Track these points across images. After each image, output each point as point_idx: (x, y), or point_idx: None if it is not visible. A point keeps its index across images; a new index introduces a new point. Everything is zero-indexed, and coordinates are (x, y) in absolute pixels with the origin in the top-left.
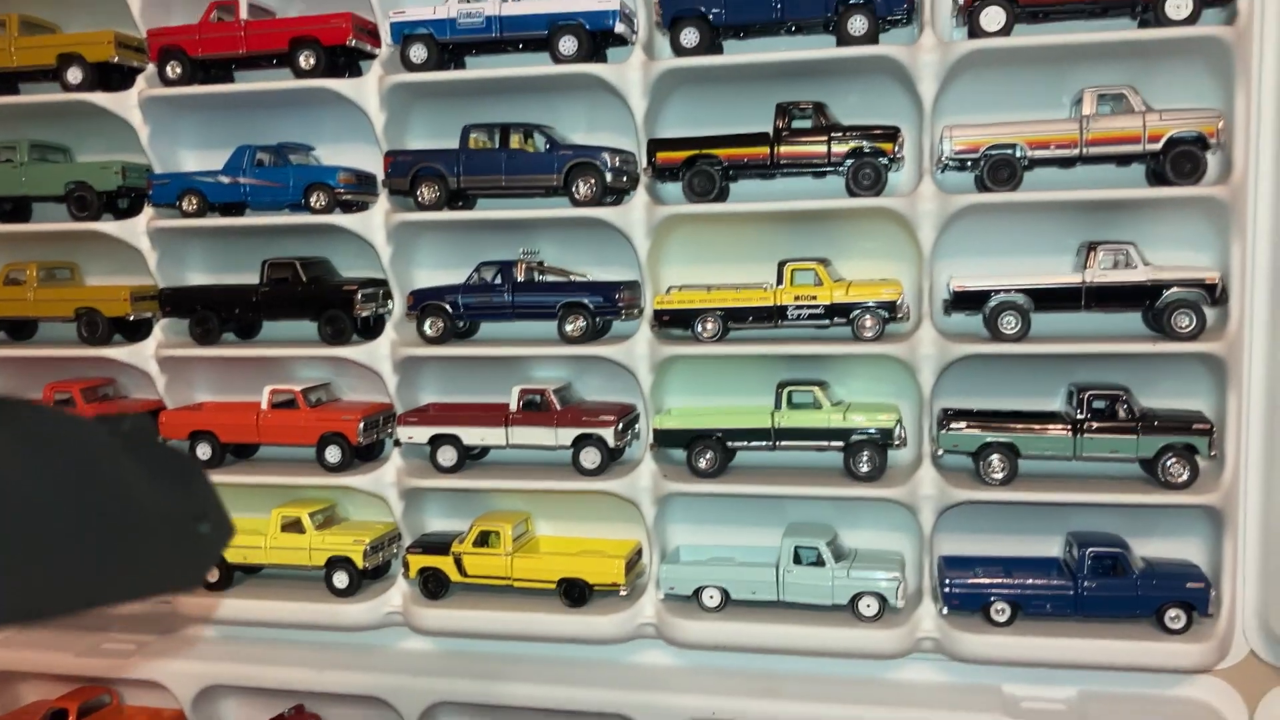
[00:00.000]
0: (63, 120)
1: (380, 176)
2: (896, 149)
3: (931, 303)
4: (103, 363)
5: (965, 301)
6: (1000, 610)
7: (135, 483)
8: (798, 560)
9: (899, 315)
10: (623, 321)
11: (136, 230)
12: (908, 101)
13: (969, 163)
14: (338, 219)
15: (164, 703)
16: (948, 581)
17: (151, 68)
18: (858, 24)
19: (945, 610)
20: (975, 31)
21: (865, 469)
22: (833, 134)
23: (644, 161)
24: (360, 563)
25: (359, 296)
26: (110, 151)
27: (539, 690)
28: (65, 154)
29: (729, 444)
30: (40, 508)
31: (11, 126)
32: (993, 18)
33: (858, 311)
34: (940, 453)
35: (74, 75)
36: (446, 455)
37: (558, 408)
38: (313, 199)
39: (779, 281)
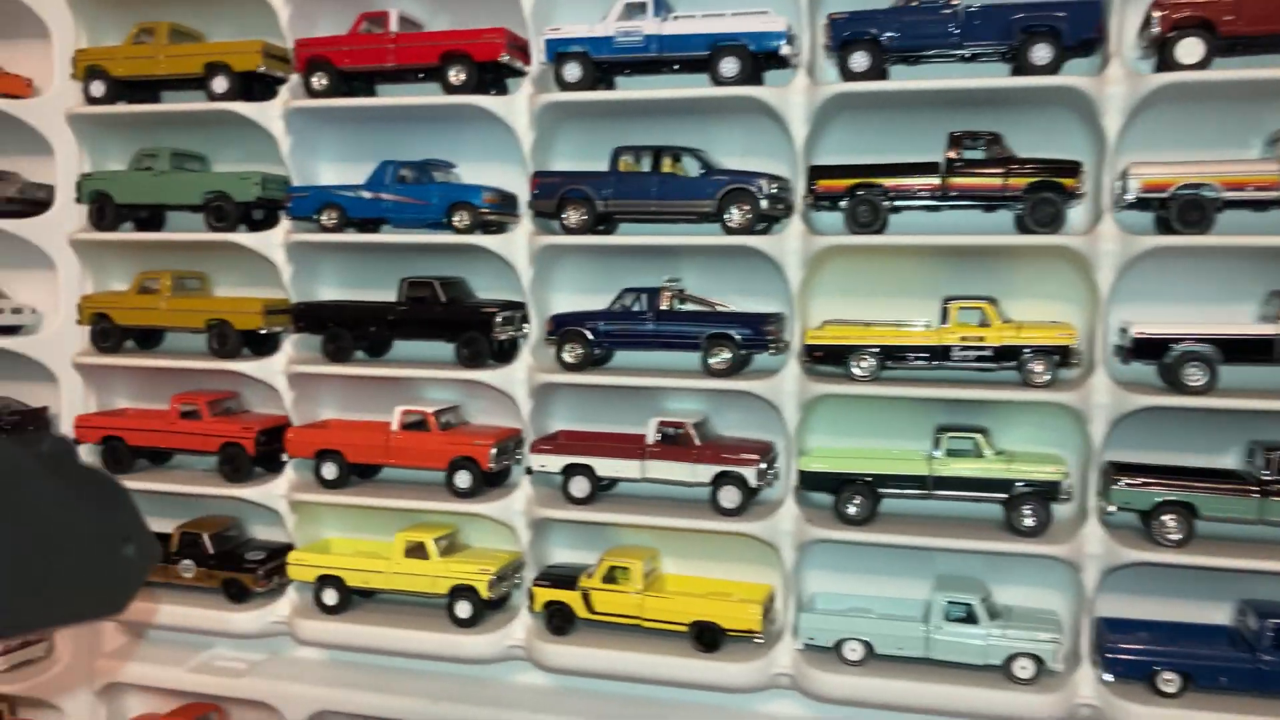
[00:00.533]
0: (203, 129)
1: (523, 197)
2: (1078, 185)
3: (1105, 349)
4: (229, 376)
5: (1146, 350)
6: (1168, 680)
7: (56, 505)
8: (948, 616)
9: (1072, 361)
10: (770, 356)
11: (272, 243)
12: (1087, 135)
13: (1156, 202)
14: (481, 240)
15: None
16: (1110, 646)
17: (296, 78)
18: (1041, 53)
19: (1108, 677)
20: (1167, 63)
21: (1029, 523)
22: (1010, 166)
23: (803, 189)
24: (485, 593)
25: (498, 319)
26: (246, 162)
27: None
28: (203, 163)
29: (879, 490)
30: None
31: (153, 134)
32: (1190, 49)
33: (1028, 354)
34: (1112, 510)
35: (219, 84)
36: (579, 486)
37: (697, 442)
38: (456, 218)
39: (943, 320)
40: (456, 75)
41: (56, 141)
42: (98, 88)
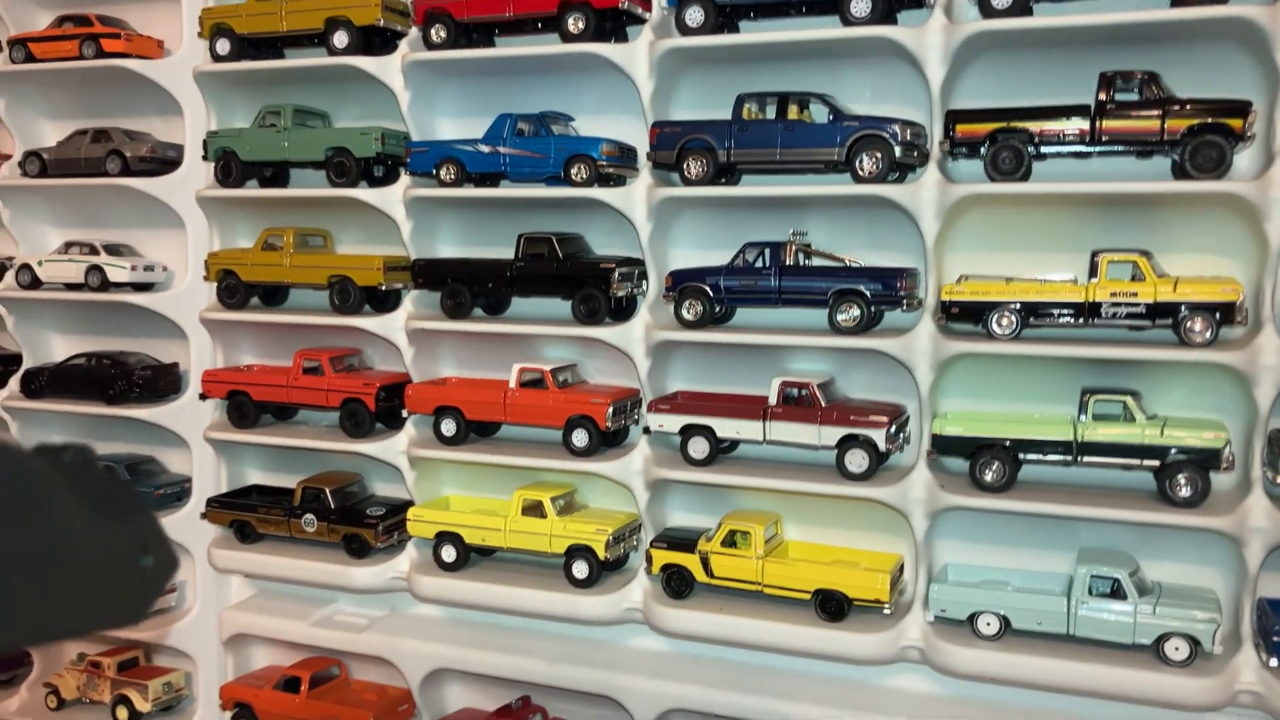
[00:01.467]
0: (323, 85)
1: (643, 149)
2: (1246, 127)
3: (1275, 307)
4: (351, 332)
5: None
6: None
7: (76, 515)
8: (1093, 591)
9: (1236, 319)
10: (903, 313)
11: (392, 199)
12: (1257, 72)
13: None
14: (599, 193)
15: (391, 680)
16: (1277, 629)
17: (415, 32)
18: None
19: (1274, 662)
20: None
21: (1185, 493)
22: (1169, 107)
23: (940, 135)
24: (602, 553)
25: (616, 275)
26: (366, 118)
27: (785, 707)
28: (325, 120)
29: (1019, 456)
30: None
31: (277, 91)
32: None
33: (1186, 311)
34: (1278, 480)
35: (340, 39)
36: (698, 447)
37: (822, 404)
38: (574, 171)
39: (1091, 275)
40: (575, 23)
41: (185, 100)
42: (223, 45)
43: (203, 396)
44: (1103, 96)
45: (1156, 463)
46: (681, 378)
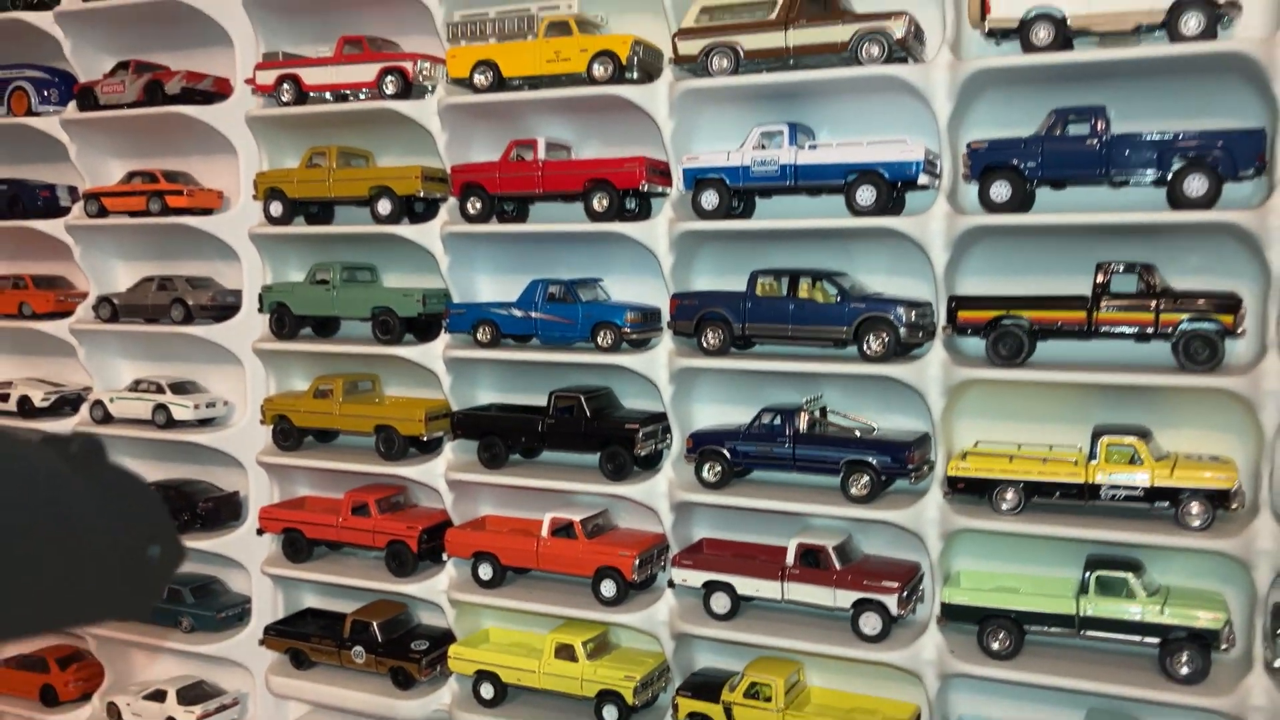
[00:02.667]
0: (370, 245)
1: (667, 311)
2: (1237, 322)
3: (1273, 490)
4: (394, 477)
5: None
6: None
7: (83, 505)
8: None
9: (1232, 505)
10: (911, 484)
11: (433, 354)
12: (1251, 266)
13: None
14: (623, 360)
15: None
16: None
17: (453, 200)
18: (1196, 184)
19: None
20: None
21: (1184, 671)
22: (1162, 300)
23: (943, 319)
24: (630, 699)
25: (640, 435)
26: (412, 272)
27: None
28: (373, 273)
29: (1024, 626)
30: None
31: (327, 248)
32: None
33: (1184, 496)
34: (1278, 662)
35: (383, 207)
36: (720, 603)
37: (837, 567)
38: (599, 337)
39: (1092, 455)
40: (600, 201)
41: (243, 252)
42: (276, 208)
43: (260, 531)
44: (1099, 284)
45: (1157, 640)
46: (706, 526)
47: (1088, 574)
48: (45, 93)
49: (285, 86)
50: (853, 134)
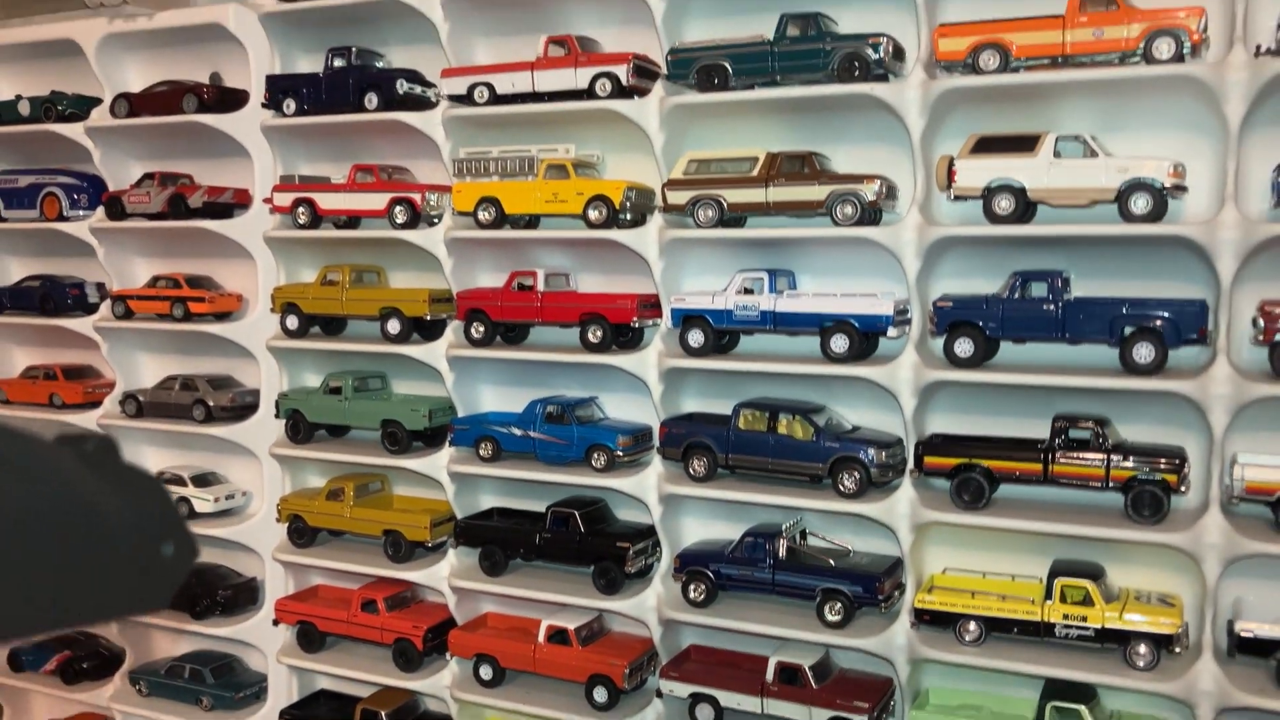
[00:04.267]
0: (381, 361)
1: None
2: (1181, 481)
3: (1215, 633)
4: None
5: (1251, 648)
6: None
7: (100, 503)
8: None
9: (1175, 649)
10: (881, 614)
11: (438, 465)
12: (1196, 425)
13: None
14: (615, 482)
15: None
16: None
17: (458, 323)
18: (1144, 351)
19: None
20: (1278, 366)
21: None
22: (1113, 455)
23: (911, 462)
24: None
25: (631, 553)
26: (420, 380)
27: None
28: (383, 381)
29: None
30: (2, 527)
31: (340, 359)
32: None
33: (1132, 638)
34: None
35: (393, 326)
36: (704, 713)
37: (813, 685)
38: (593, 459)
39: (1048, 594)
40: (594, 333)
41: (261, 358)
42: (292, 321)
43: (275, 622)
44: (1056, 436)
45: None
46: (694, 634)
47: (1044, 702)
48: (76, 197)
49: (301, 209)
50: (830, 277)
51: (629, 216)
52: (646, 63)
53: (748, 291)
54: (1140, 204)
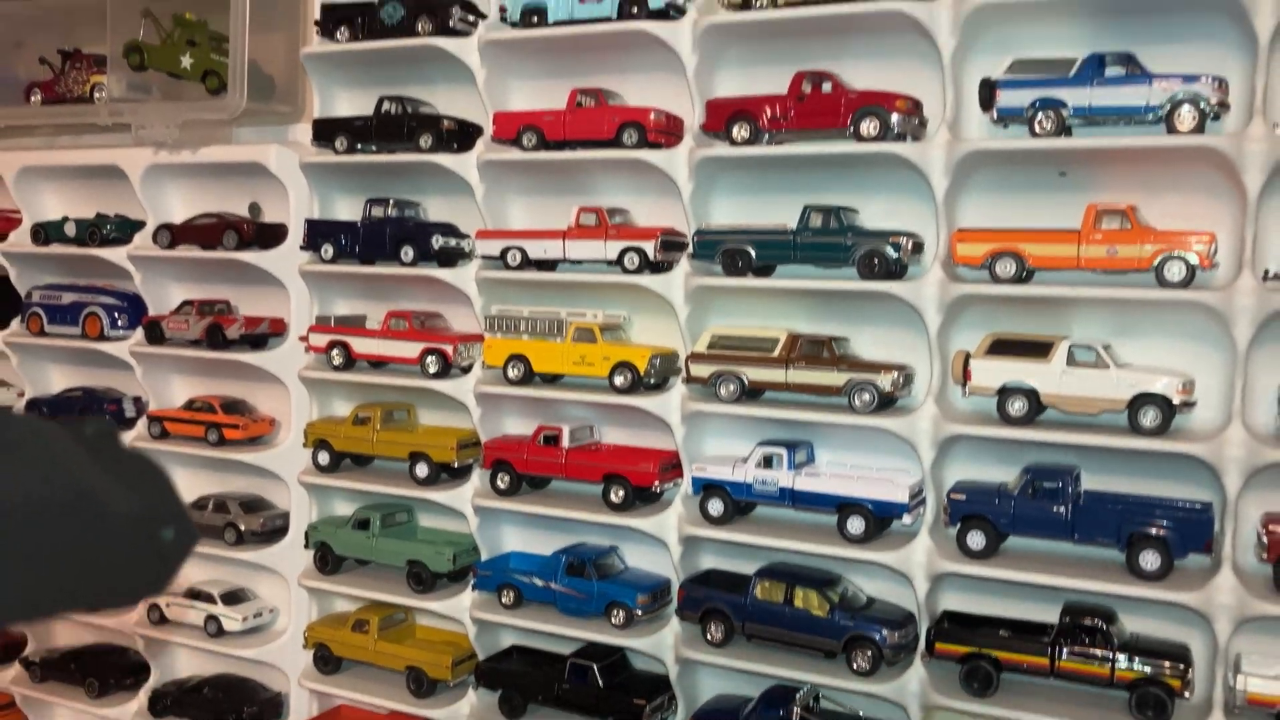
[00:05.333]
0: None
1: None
2: (1185, 687)
3: None
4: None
5: None
6: None
7: (98, 487)
8: None
9: None
10: None
11: (461, 607)
12: (1203, 627)
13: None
14: (629, 641)
15: None
16: None
17: (484, 471)
18: (1149, 559)
19: None
20: None
21: None
22: (1118, 655)
23: (923, 645)
24: None
25: (647, 709)
26: (444, 517)
27: None
28: (409, 514)
29: None
30: (3, 513)
31: (368, 494)
32: None
33: None
34: None
35: (420, 470)
36: None
37: None
38: (612, 616)
39: None
40: (616, 493)
41: (290, 485)
42: (323, 457)
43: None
44: (1065, 625)
45: None
46: None
47: None
48: (116, 316)
49: (335, 351)
50: (847, 452)
51: (653, 380)
52: (674, 235)
53: (767, 463)
54: (1149, 418)
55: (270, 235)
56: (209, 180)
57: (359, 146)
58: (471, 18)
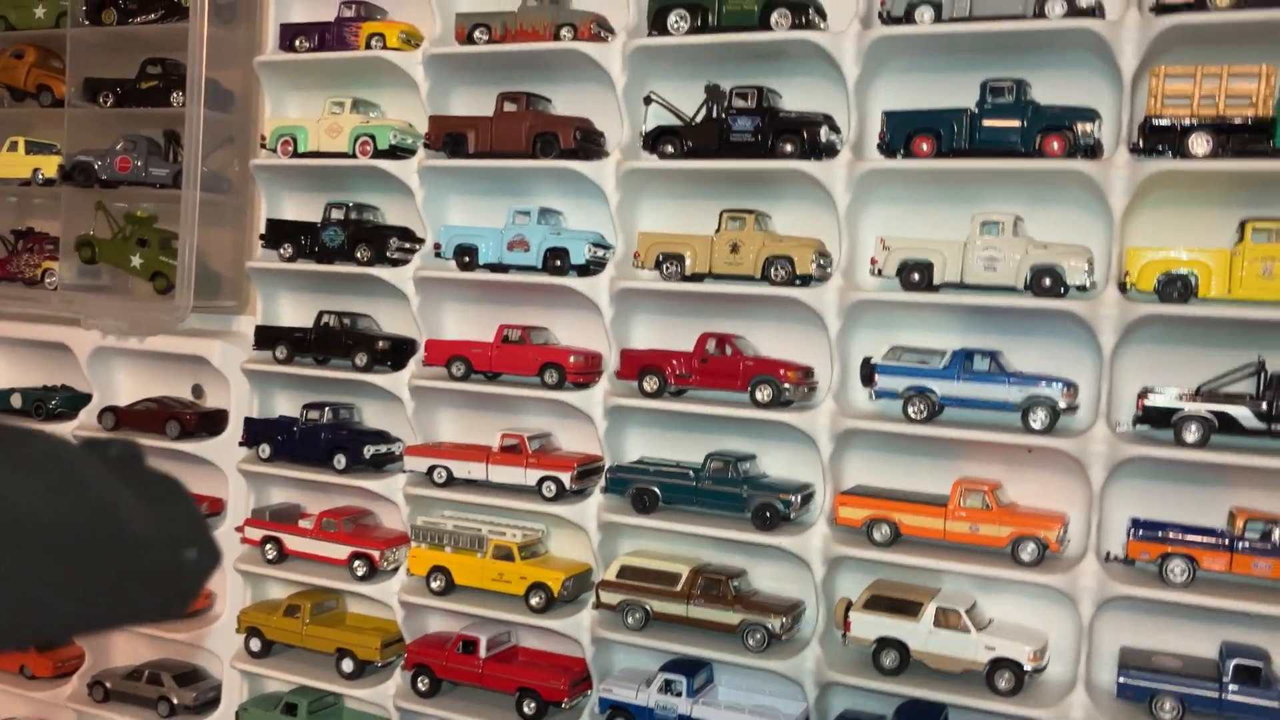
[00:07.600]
0: None
1: None
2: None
3: None
4: None
5: None
6: None
7: (122, 507)
8: None
9: None
10: None
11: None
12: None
13: None
14: None
15: None
16: None
17: (404, 673)
18: None
19: None
20: None
21: None
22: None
23: None
24: None
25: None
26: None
27: None
28: (337, 701)
29: None
30: (27, 533)
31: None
32: None
33: None
34: None
35: (347, 666)
36: None
37: None
38: None
39: None
40: (528, 706)
41: (225, 666)
42: (255, 644)
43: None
44: None
45: None
46: None
47: None
48: None
49: (269, 545)
50: (746, 678)
51: (567, 598)
52: (591, 463)
53: (668, 687)
54: (1004, 681)
55: (212, 421)
56: (154, 363)
57: (296, 357)
58: (409, 245)
